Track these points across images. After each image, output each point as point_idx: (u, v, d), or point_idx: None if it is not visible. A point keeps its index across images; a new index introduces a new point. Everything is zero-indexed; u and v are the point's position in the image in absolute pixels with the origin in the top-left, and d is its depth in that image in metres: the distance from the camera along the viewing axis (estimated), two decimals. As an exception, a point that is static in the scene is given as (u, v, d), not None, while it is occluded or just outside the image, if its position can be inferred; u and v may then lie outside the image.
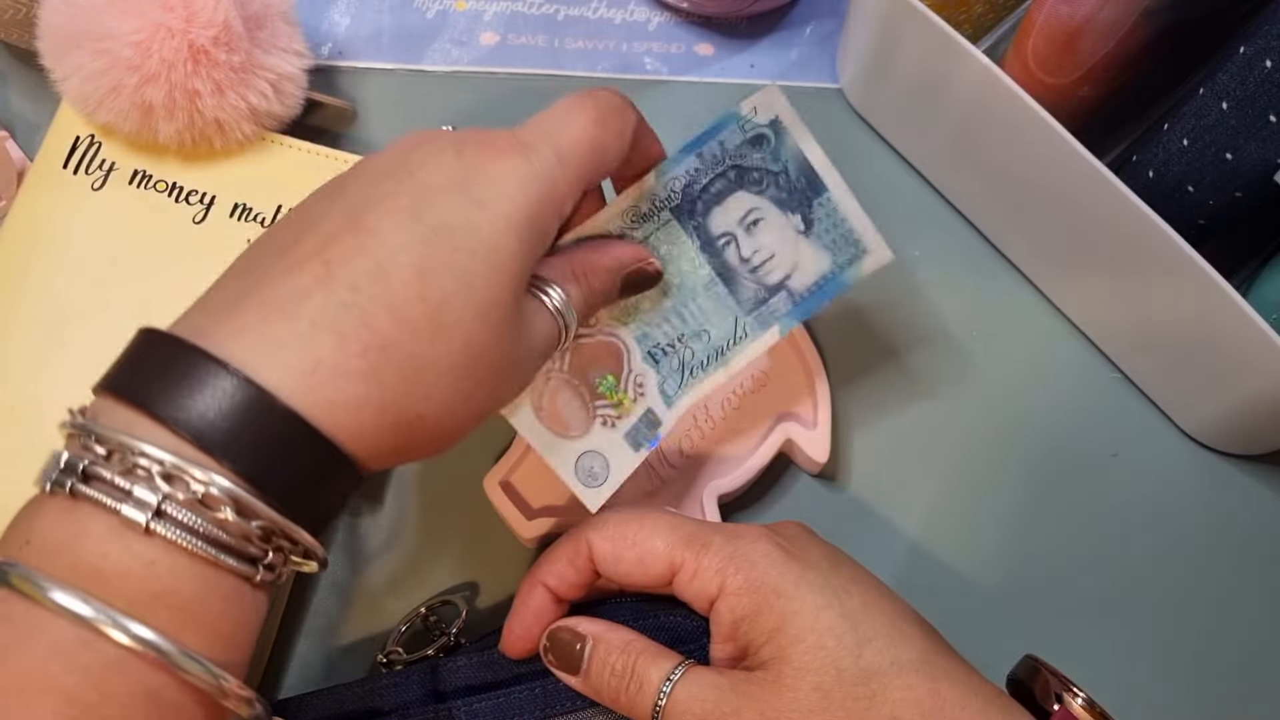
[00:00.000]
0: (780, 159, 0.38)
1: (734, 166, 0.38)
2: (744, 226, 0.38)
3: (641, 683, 0.33)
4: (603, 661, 0.34)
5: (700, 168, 0.37)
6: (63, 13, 0.42)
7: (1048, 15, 0.43)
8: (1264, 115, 0.39)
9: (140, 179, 0.45)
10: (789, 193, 0.38)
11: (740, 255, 0.38)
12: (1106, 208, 0.41)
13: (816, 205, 0.38)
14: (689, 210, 0.38)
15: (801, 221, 0.38)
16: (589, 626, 0.35)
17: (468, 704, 0.36)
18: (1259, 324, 0.39)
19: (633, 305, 0.38)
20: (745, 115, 0.38)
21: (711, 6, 0.52)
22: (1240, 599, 0.45)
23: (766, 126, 0.38)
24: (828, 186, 0.38)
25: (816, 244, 0.38)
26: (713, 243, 0.38)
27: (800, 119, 0.38)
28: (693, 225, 0.38)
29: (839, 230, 0.39)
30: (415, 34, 0.53)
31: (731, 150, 0.38)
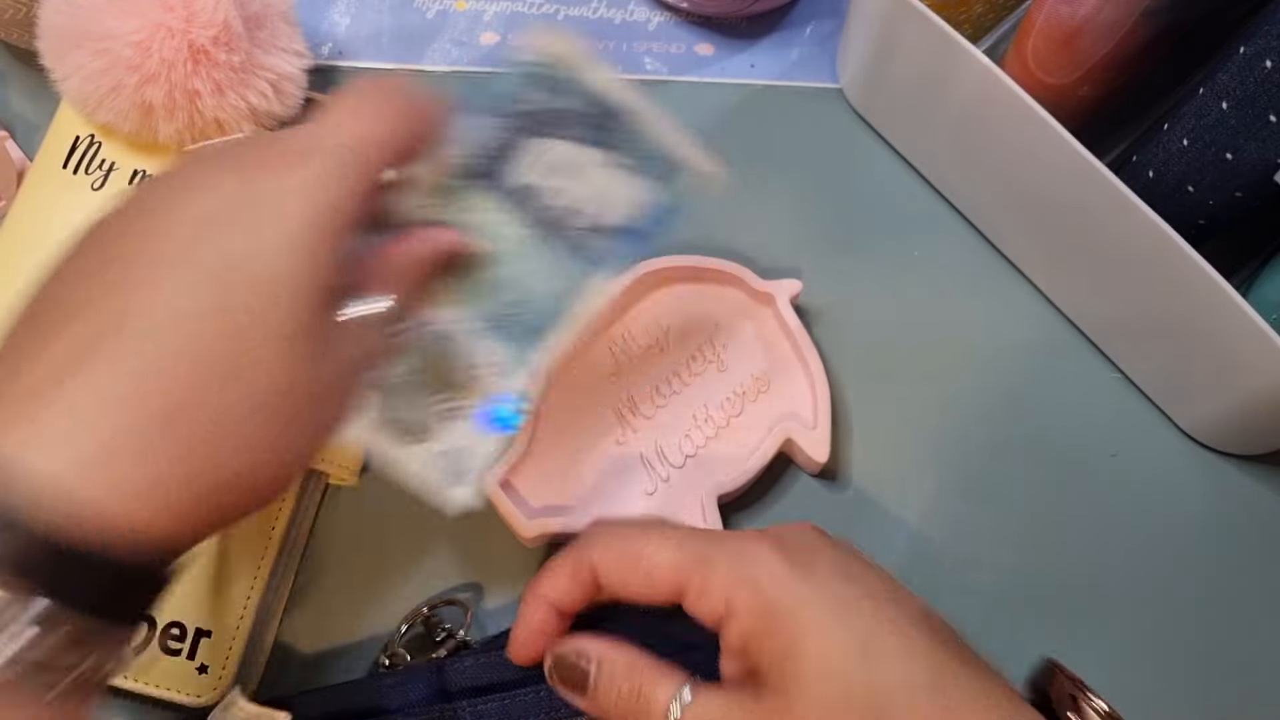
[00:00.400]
0: (567, 94, 0.34)
1: (519, 114, 0.34)
2: (542, 173, 0.35)
3: (649, 705, 0.32)
4: (609, 684, 0.33)
5: (482, 125, 0.34)
6: (63, 13, 0.42)
7: (1048, 15, 0.43)
8: (1264, 115, 0.39)
9: (140, 179, 0.45)
10: (584, 127, 0.34)
11: (545, 203, 0.34)
12: (1106, 208, 0.41)
13: (616, 134, 0.34)
14: (483, 172, 0.34)
15: (601, 154, 0.34)
16: (594, 648, 0.34)
17: (473, 705, 0.36)
18: (1259, 324, 0.39)
19: (456, 286, 0.35)
20: (532, 61, 0.34)
21: (711, 6, 0.52)
22: (1240, 599, 0.45)
23: (541, 64, 0.34)
24: (624, 110, 0.34)
25: (624, 173, 0.34)
26: (516, 198, 0.34)
27: (582, 49, 0.34)
28: (492, 186, 0.34)
29: (644, 152, 0.34)
30: (415, 34, 0.53)
31: (505, 96, 0.34)
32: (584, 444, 0.45)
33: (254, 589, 0.41)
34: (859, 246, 0.50)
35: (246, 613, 0.41)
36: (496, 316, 0.35)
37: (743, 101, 0.52)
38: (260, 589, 0.41)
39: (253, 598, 0.41)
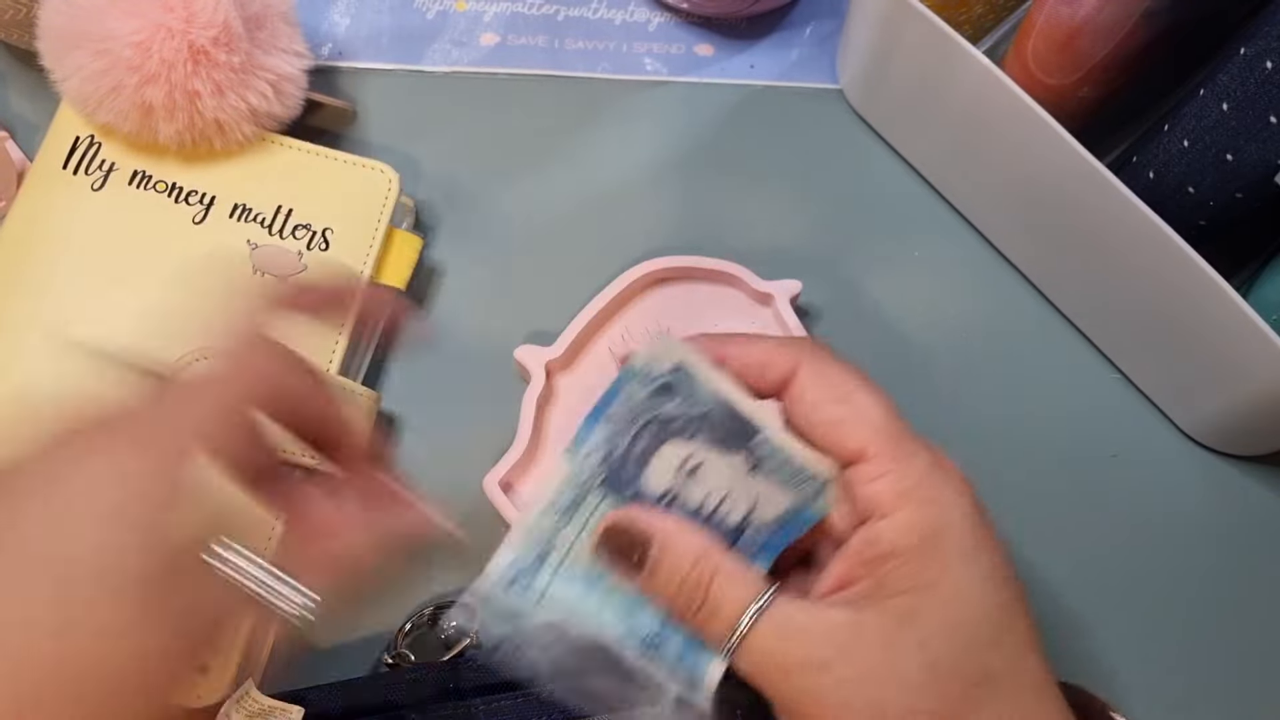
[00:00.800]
0: (699, 402, 0.33)
1: (650, 422, 0.33)
2: (684, 476, 0.33)
3: (717, 607, 0.29)
4: (672, 570, 0.30)
5: (613, 432, 0.33)
6: (63, 13, 0.42)
7: (1048, 16, 0.43)
8: (1264, 116, 0.39)
9: (140, 179, 0.45)
10: (725, 433, 0.33)
11: (689, 509, 0.32)
12: (1106, 208, 0.41)
13: (756, 444, 0.33)
14: (619, 482, 0.33)
15: (745, 460, 0.33)
16: (657, 521, 0.30)
17: (487, 702, 0.36)
18: (1259, 324, 0.39)
19: (599, 601, 0.32)
20: (640, 369, 0.33)
21: (711, 7, 0.52)
22: (1240, 599, 0.45)
23: (669, 374, 0.33)
24: (762, 425, 0.33)
25: (771, 481, 0.32)
26: (657, 506, 0.32)
27: (706, 362, 0.33)
28: (630, 494, 0.33)
29: (789, 466, 0.32)
30: (415, 34, 0.53)
31: (640, 405, 0.33)
32: None
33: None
34: (859, 247, 0.50)
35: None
36: (645, 635, 0.32)
37: (743, 102, 0.52)
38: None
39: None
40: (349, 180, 0.46)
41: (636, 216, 0.50)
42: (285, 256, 0.45)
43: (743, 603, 0.29)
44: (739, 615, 0.29)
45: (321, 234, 0.45)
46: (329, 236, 0.45)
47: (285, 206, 0.45)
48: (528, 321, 0.48)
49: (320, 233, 0.45)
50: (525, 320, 0.48)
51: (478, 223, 0.50)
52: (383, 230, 0.45)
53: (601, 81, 0.53)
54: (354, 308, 0.34)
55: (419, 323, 0.47)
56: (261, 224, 0.45)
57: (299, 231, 0.45)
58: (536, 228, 0.50)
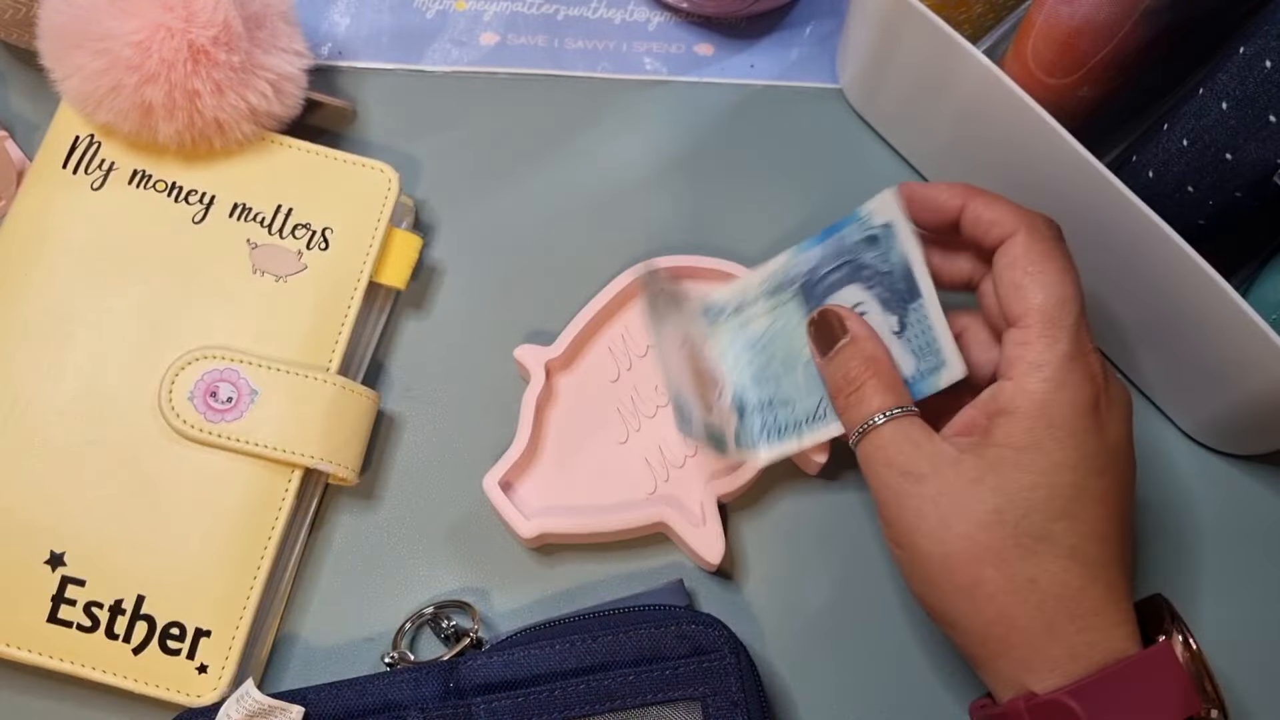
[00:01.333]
0: (890, 260, 0.40)
1: (850, 261, 0.41)
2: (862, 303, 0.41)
3: (861, 399, 0.37)
4: (845, 360, 0.38)
5: (825, 256, 0.42)
6: (63, 13, 0.42)
7: (1047, 15, 0.43)
8: (1264, 115, 0.39)
9: (140, 179, 0.45)
10: (892, 293, 0.40)
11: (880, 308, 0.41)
12: (1106, 208, 0.41)
13: (910, 310, 0.39)
14: (809, 293, 0.42)
15: (898, 323, 0.40)
16: (856, 325, 0.39)
17: (487, 701, 0.36)
18: (1259, 324, 0.39)
19: (744, 355, 0.43)
20: (864, 216, 0.41)
21: (711, 6, 0.52)
22: (1240, 599, 0.45)
23: (881, 228, 0.40)
24: (922, 294, 0.39)
25: (905, 347, 0.39)
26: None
27: (911, 227, 0.40)
28: (810, 306, 0.42)
29: (925, 338, 0.39)
30: (415, 34, 0.53)
31: (850, 246, 0.41)
32: (584, 443, 0.45)
33: (254, 589, 0.41)
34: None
35: (246, 612, 0.41)
36: (751, 402, 0.43)
37: (743, 101, 0.52)
38: (260, 589, 0.41)
39: (252, 598, 0.41)
40: (349, 180, 0.46)
41: (636, 216, 0.50)
42: (285, 256, 0.45)
43: (882, 405, 0.37)
44: (876, 411, 0.37)
45: (321, 234, 0.45)
46: (329, 236, 0.45)
47: (285, 206, 0.45)
48: (528, 321, 0.48)
49: (320, 232, 0.45)
50: (525, 320, 0.48)
51: (478, 223, 0.50)
52: (383, 230, 0.45)
53: (601, 81, 0.53)
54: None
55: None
56: (261, 223, 0.45)
57: (299, 231, 0.45)
58: (536, 227, 0.50)
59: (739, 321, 0.44)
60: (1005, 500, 0.34)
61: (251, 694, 0.37)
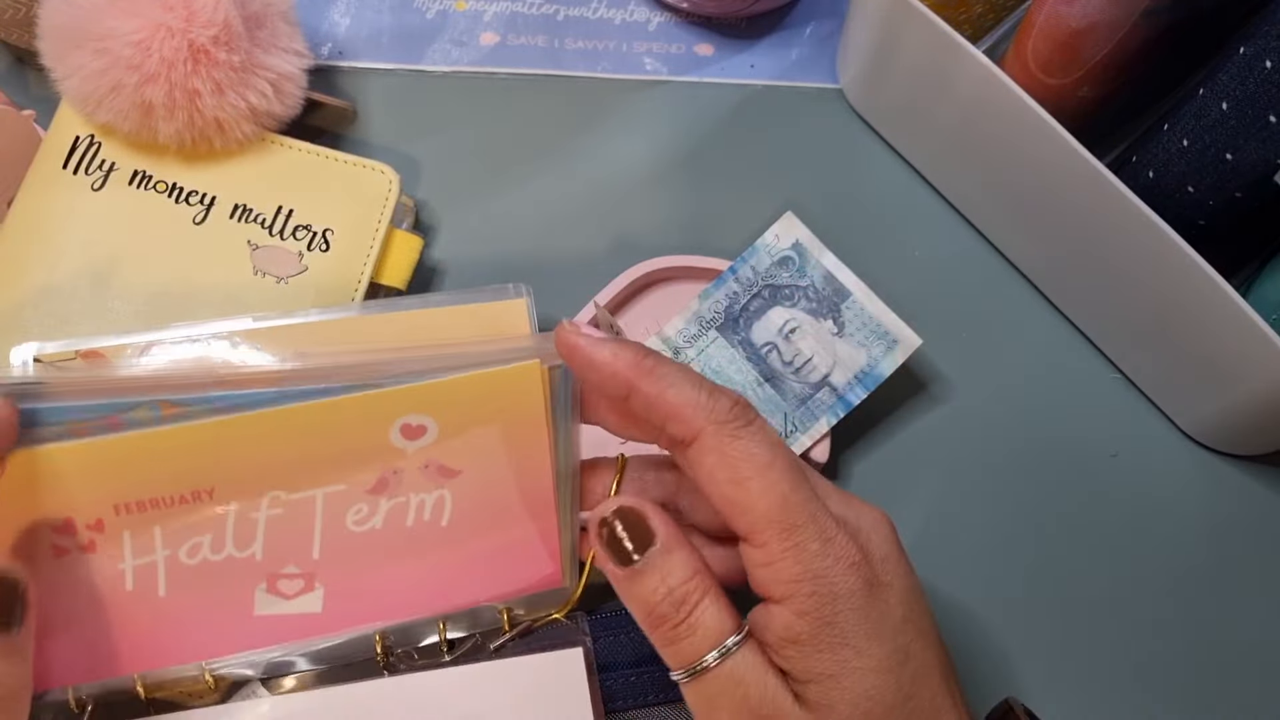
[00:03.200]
0: (806, 275, 0.44)
1: (767, 286, 0.44)
2: (783, 336, 0.44)
3: (694, 629, 0.30)
4: (663, 577, 0.30)
5: (738, 290, 0.45)
6: (63, 13, 0.42)
7: (1048, 15, 0.43)
8: (1264, 116, 0.39)
9: (140, 179, 0.45)
10: (819, 302, 0.44)
11: (782, 360, 0.44)
12: (1106, 208, 0.41)
13: (844, 309, 0.44)
14: (732, 326, 0.44)
15: (835, 325, 0.44)
16: (662, 527, 0.30)
17: None
18: (1259, 324, 0.39)
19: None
20: (769, 243, 0.45)
21: (711, 7, 0.52)
22: (1240, 599, 0.45)
23: (789, 249, 0.44)
24: (851, 290, 0.44)
25: (850, 343, 0.44)
26: (757, 351, 0.44)
27: (817, 239, 0.44)
28: (737, 339, 0.44)
29: (868, 327, 0.44)
30: (415, 34, 0.53)
31: (763, 272, 0.45)
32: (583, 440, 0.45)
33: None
34: (858, 246, 0.50)
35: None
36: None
37: (743, 101, 0.52)
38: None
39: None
40: (349, 180, 0.46)
41: (636, 216, 0.50)
42: (286, 257, 0.45)
43: (722, 634, 0.30)
44: (715, 646, 0.30)
45: (322, 234, 0.45)
46: (329, 237, 0.45)
47: (285, 207, 0.45)
48: (528, 321, 0.48)
49: (320, 233, 0.45)
50: (525, 320, 0.48)
51: (478, 223, 0.50)
52: (383, 230, 0.45)
53: (601, 81, 0.53)
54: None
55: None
56: (262, 224, 0.45)
57: (299, 232, 0.45)
58: (536, 228, 0.50)
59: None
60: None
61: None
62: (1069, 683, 0.44)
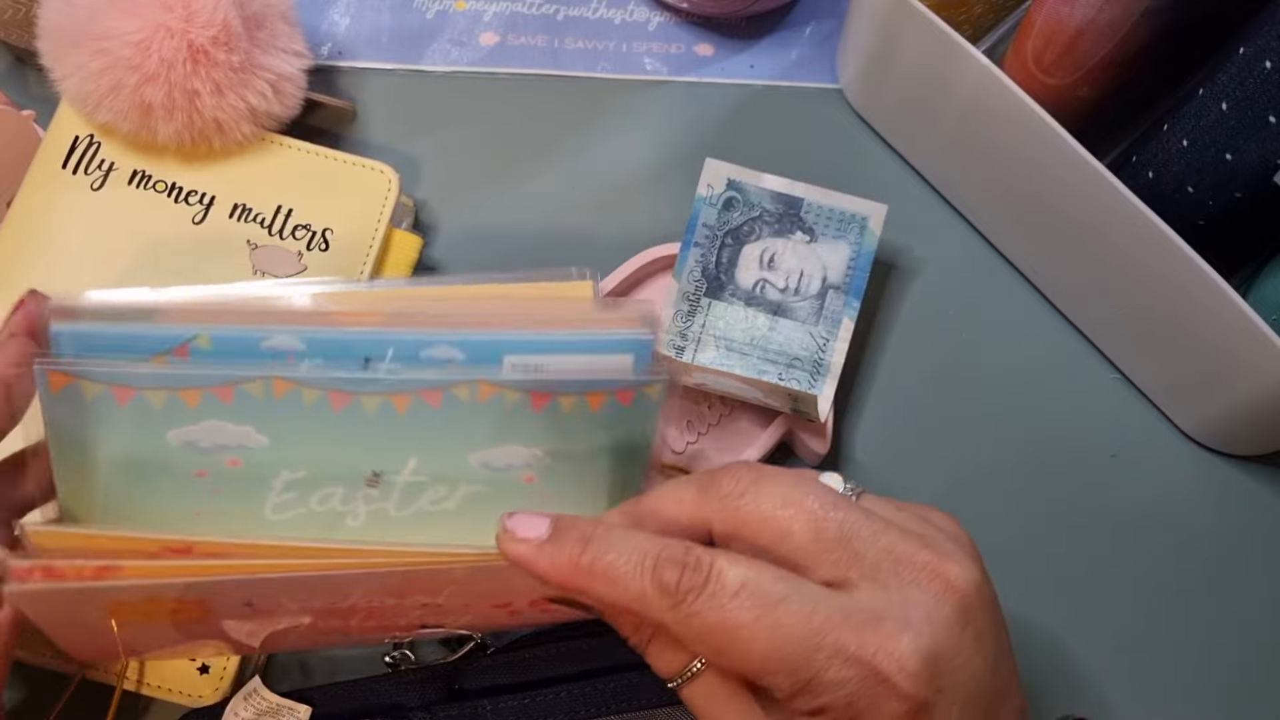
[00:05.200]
0: (753, 203, 0.45)
1: (727, 233, 0.45)
2: (766, 267, 0.45)
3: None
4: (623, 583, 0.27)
5: (704, 251, 0.45)
6: (63, 13, 0.42)
7: (1047, 16, 0.43)
8: (1263, 116, 0.39)
9: (140, 179, 0.45)
10: (779, 220, 0.45)
11: (778, 289, 0.45)
12: (1106, 208, 0.41)
13: (804, 216, 0.45)
14: (718, 285, 0.45)
15: (804, 234, 0.45)
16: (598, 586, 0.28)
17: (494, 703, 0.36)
18: (1259, 324, 0.39)
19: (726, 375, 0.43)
20: (705, 195, 0.45)
21: (711, 7, 0.52)
22: (1240, 599, 0.45)
23: (728, 191, 0.45)
24: (801, 197, 0.45)
25: (827, 241, 0.45)
26: (752, 294, 0.45)
27: (745, 168, 0.45)
28: (729, 293, 0.45)
29: (832, 216, 0.45)
30: (415, 34, 0.53)
31: (715, 224, 0.45)
32: None
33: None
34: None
35: (246, 613, 0.41)
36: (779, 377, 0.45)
37: (743, 101, 0.52)
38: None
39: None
40: (349, 180, 0.46)
41: (636, 216, 0.50)
42: (285, 257, 0.45)
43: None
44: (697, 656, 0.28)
45: (321, 234, 0.45)
46: (329, 237, 0.45)
47: (285, 206, 0.45)
48: (527, 321, 0.48)
49: (320, 233, 0.45)
50: (525, 320, 0.48)
51: (478, 223, 0.50)
52: (383, 230, 0.45)
53: (601, 81, 0.53)
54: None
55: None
56: (261, 224, 0.45)
57: (299, 232, 0.45)
58: (536, 227, 0.50)
59: (697, 358, 0.45)
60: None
61: (260, 692, 0.36)
62: (1068, 682, 0.44)
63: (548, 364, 0.30)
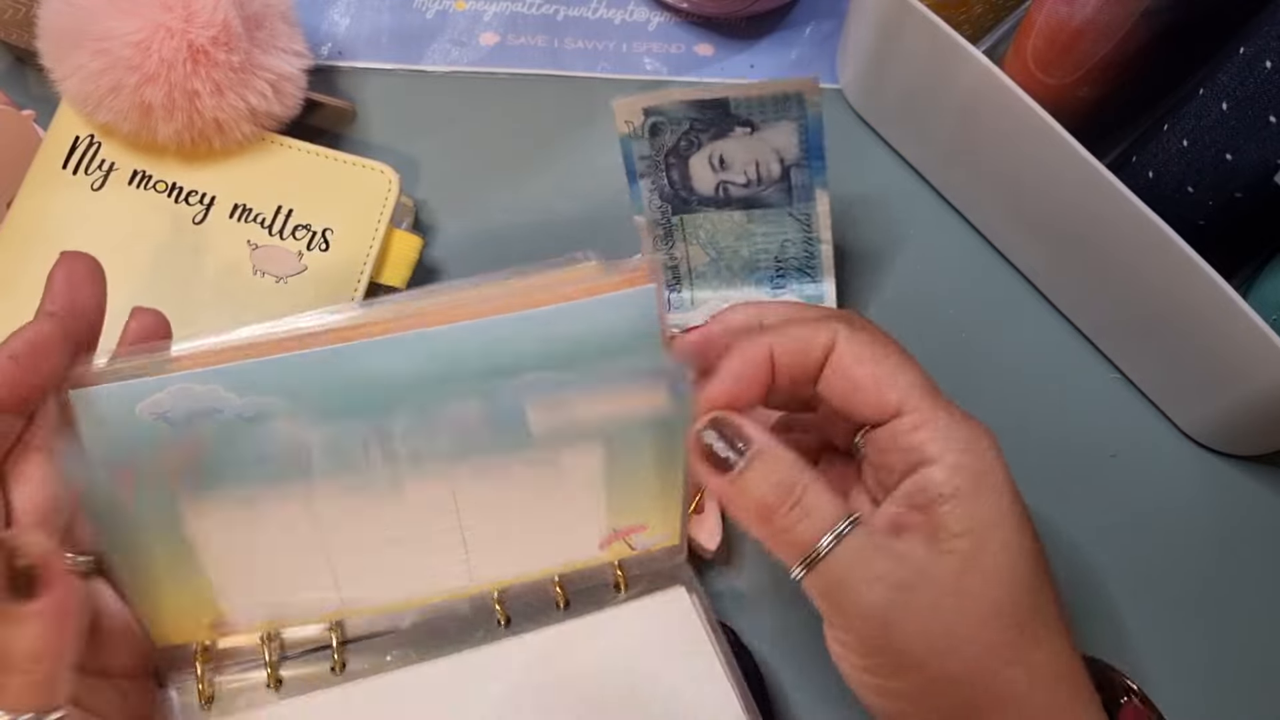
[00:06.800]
0: (679, 119, 0.42)
1: (667, 155, 0.43)
2: (720, 169, 0.43)
3: (807, 512, 0.30)
4: (765, 473, 0.31)
5: (652, 179, 0.43)
6: (63, 13, 0.42)
7: (1048, 15, 0.43)
8: (1264, 116, 0.39)
9: (140, 179, 0.45)
10: (712, 125, 0.42)
11: (741, 185, 0.43)
12: (1106, 208, 0.41)
13: (734, 110, 0.42)
14: (683, 203, 0.44)
15: (742, 127, 0.42)
16: (755, 429, 0.31)
17: None
18: (1259, 324, 0.39)
19: (725, 269, 0.44)
20: (628, 133, 0.43)
21: (711, 6, 0.52)
22: (1239, 599, 0.45)
23: (646, 120, 0.42)
24: (725, 97, 0.42)
25: (769, 126, 0.42)
26: (720, 199, 0.44)
27: (654, 92, 0.42)
28: (696, 204, 0.44)
29: (767, 104, 0.42)
30: (415, 34, 0.53)
31: (648, 156, 0.43)
32: None
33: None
34: (857, 247, 0.50)
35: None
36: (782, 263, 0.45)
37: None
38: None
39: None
40: (349, 180, 0.46)
41: (636, 216, 0.50)
42: (285, 257, 0.45)
43: (835, 517, 0.30)
44: (826, 531, 0.30)
45: (321, 234, 0.45)
46: (329, 237, 0.45)
47: (285, 207, 0.45)
48: (527, 321, 0.48)
49: (320, 233, 0.45)
50: (525, 320, 0.48)
51: (478, 223, 0.50)
52: (383, 230, 0.45)
53: (601, 81, 0.53)
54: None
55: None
56: (261, 224, 0.45)
57: (299, 232, 0.45)
58: (536, 228, 0.50)
59: (696, 281, 0.47)
60: (997, 593, 0.30)
61: None
62: (1069, 683, 0.44)
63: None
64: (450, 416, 0.31)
